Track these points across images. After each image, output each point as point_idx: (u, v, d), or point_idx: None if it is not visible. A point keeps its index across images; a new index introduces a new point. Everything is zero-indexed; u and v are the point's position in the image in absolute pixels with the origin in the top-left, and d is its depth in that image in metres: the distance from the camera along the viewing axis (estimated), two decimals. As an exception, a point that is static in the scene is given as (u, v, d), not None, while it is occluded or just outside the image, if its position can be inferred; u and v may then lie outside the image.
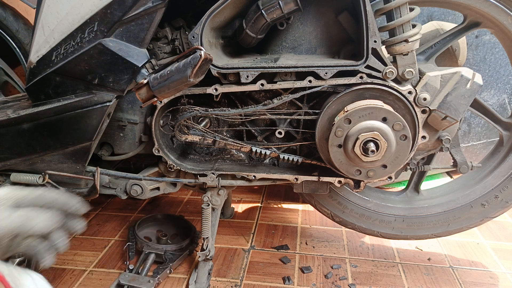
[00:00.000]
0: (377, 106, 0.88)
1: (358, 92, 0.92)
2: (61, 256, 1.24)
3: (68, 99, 0.92)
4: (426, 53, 1.05)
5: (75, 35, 0.88)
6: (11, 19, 1.42)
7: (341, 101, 0.93)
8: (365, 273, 1.16)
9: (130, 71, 0.87)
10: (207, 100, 1.04)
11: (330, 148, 0.93)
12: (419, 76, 0.92)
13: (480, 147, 1.64)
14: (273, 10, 0.90)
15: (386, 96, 0.92)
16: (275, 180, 1.05)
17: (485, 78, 1.52)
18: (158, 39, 1.02)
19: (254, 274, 1.16)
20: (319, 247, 1.29)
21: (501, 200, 1.10)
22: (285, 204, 1.58)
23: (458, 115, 0.92)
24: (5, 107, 1.00)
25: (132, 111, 1.03)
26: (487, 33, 1.47)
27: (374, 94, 0.92)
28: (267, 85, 0.94)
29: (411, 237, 1.17)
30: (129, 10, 0.85)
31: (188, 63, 0.78)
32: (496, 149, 1.14)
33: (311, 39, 1.02)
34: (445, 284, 1.12)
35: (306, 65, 0.91)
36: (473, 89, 0.91)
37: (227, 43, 1.05)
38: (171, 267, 1.13)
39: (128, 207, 1.55)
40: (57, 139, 0.95)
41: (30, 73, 0.93)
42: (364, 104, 0.89)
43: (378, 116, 0.89)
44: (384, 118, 0.89)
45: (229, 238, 1.33)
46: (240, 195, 1.65)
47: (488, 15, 0.96)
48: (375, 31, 0.88)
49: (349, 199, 1.16)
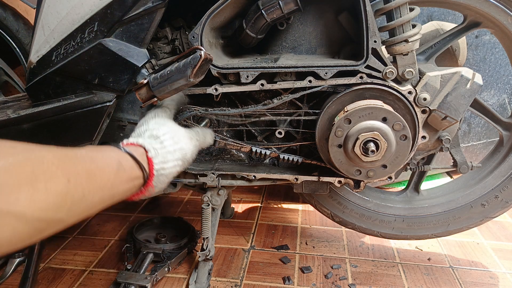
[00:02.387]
0: (377, 106, 0.88)
1: (358, 92, 0.92)
2: (61, 256, 1.24)
3: (68, 99, 0.92)
4: (426, 53, 1.05)
5: (75, 35, 0.88)
6: (11, 19, 1.42)
7: (341, 101, 0.93)
8: (365, 273, 1.16)
9: (130, 71, 0.87)
10: (207, 100, 1.04)
11: (330, 148, 0.93)
12: (419, 76, 0.92)
13: (480, 147, 1.64)
14: (273, 10, 0.90)
15: (386, 96, 0.92)
16: (275, 180, 1.05)
17: (485, 78, 1.52)
18: (158, 39, 1.02)
19: (254, 274, 1.16)
20: (319, 247, 1.29)
21: (501, 200, 1.10)
22: (285, 204, 1.58)
23: (458, 115, 0.92)
24: (5, 107, 1.00)
25: (132, 111, 1.03)
26: (487, 33, 1.47)
27: (374, 94, 0.92)
28: (267, 85, 0.94)
29: (411, 237, 1.17)
30: (129, 10, 0.85)
31: (188, 63, 0.78)
32: (496, 149, 1.14)
33: (311, 39, 1.02)
34: (445, 284, 1.12)
35: (306, 65, 0.91)
36: (473, 89, 0.91)
37: (227, 43, 1.05)
38: (169, 265, 1.13)
39: (128, 207, 1.55)
40: (57, 139, 0.95)
41: (30, 73, 0.93)
42: (364, 104, 0.89)
43: (378, 116, 0.89)
44: (384, 118, 0.89)
45: (229, 238, 1.33)
46: (240, 195, 1.65)
47: (488, 15, 0.96)
48: (375, 31, 0.88)
49: (349, 199, 1.16)
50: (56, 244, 1.30)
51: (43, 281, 1.13)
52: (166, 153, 0.69)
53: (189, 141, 0.77)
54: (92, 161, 0.52)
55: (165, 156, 0.69)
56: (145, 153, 0.67)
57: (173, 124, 0.77)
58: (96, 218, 1.47)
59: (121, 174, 0.57)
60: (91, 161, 0.52)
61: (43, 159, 0.44)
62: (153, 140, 0.70)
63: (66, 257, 1.24)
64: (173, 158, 0.70)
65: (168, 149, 0.70)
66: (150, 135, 0.71)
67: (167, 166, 0.69)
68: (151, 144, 0.68)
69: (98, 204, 0.52)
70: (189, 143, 0.77)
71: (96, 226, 1.42)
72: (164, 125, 0.75)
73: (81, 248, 1.28)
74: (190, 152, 0.77)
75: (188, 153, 0.76)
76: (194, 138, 0.80)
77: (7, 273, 1.13)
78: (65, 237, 1.34)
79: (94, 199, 0.50)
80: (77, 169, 0.48)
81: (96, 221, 1.45)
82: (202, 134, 0.85)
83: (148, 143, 0.68)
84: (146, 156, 0.66)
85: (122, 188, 0.58)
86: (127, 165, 0.60)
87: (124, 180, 0.58)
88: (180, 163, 0.73)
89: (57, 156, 0.47)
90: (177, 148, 0.72)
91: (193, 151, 0.78)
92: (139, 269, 1.11)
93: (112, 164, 0.56)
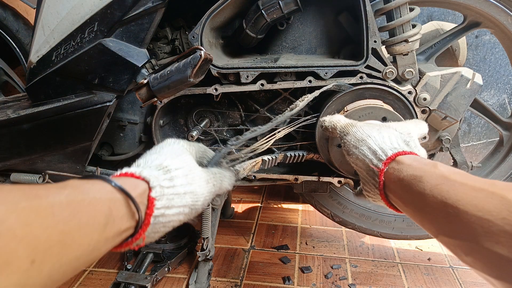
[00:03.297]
0: (377, 105, 0.88)
1: (358, 92, 0.92)
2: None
3: (68, 99, 0.91)
4: (426, 53, 1.05)
5: (75, 35, 0.88)
6: (11, 19, 1.42)
7: (341, 100, 0.93)
8: (365, 273, 1.16)
9: (130, 71, 0.87)
10: (207, 100, 1.04)
11: (330, 148, 0.93)
12: (419, 76, 0.92)
13: (480, 147, 1.63)
14: (273, 10, 0.90)
15: (386, 96, 0.92)
16: (275, 180, 1.05)
17: (485, 78, 1.51)
18: (158, 39, 1.02)
19: (254, 274, 1.15)
20: (319, 247, 1.29)
21: (501, 200, 1.10)
22: (285, 204, 1.58)
23: (458, 115, 0.92)
24: (5, 107, 1.00)
25: (132, 111, 1.03)
26: (487, 33, 1.47)
27: (374, 94, 0.92)
28: (267, 85, 0.94)
29: (411, 237, 1.17)
30: (129, 10, 0.85)
31: (188, 63, 0.78)
32: (496, 149, 1.14)
33: (311, 39, 1.02)
34: (445, 284, 1.12)
35: (306, 65, 0.91)
36: (473, 89, 0.91)
37: (227, 43, 1.05)
38: (169, 265, 1.13)
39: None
40: (57, 139, 0.95)
41: (30, 73, 0.93)
42: (364, 104, 0.89)
43: (378, 115, 0.89)
44: (384, 117, 0.89)
45: (229, 238, 1.33)
46: (240, 195, 1.65)
47: (488, 15, 0.96)
48: (375, 31, 0.88)
49: (349, 199, 1.16)
50: (56, 244, 1.30)
51: (43, 281, 1.13)
52: (173, 194, 0.52)
53: (205, 184, 0.59)
54: (73, 216, 0.38)
55: (171, 199, 0.51)
56: (148, 191, 0.49)
57: (191, 159, 0.59)
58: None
59: (108, 230, 0.42)
60: (70, 216, 0.37)
61: (3, 227, 0.31)
62: (162, 174, 0.52)
63: (66, 257, 1.24)
64: (180, 204, 0.53)
65: (177, 189, 0.53)
66: (159, 165, 0.54)
67: (170, 213, 0.51)
68: (158, 180, 0.50)
69: (67, 276, 0.38)
70: (204, 186, 0.58)
71: (96, 226, 1.42)
72: (179, 156, 0.57)
73: (81, 248, 1.28)
74: (203, 198, 0.58)
75: (200, 200, 0.57)
76: (211, 181, 0.61)
77: (7, 273, 1.13)
78: (65, 237, 1.34)
79: (63, 273, 0.37)
80: (48, 237, 0.34)
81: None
82: (220, 178, 0.65)
83: (154, 178, 0.50)
84: (147, 196, 0.49)
85: (105, 247, 0.43)
86: (118, 214, 0.44)
87: (110, 237, 0.43)
88: (187, 211, 0.54)
89: (23, 216, 0.33)
90: (188, 190, 0.54)
91: (206, 198, 0.59)
92: (139, 269, 1.11)
93: (99, 218, 0.41)
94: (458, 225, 0.45)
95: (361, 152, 0.64)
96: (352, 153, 0.66)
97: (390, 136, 0.64)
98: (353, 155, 0.66)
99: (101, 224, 0.41)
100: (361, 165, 0.63)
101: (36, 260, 0.33)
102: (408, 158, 0.58)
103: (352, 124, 0.72)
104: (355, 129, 0.69)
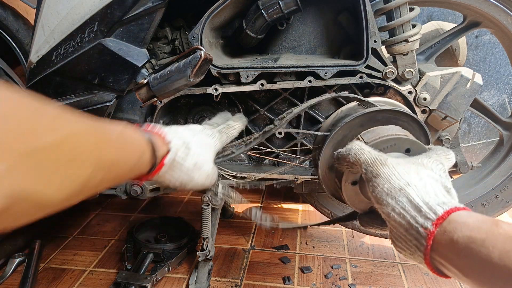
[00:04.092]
0: (401, 137, 0.84)
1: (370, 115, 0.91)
2: (61, 256, 1.24)
3: (68, 99, 0.92)
4: (426, 53, 1.05)
5: (75, 35, 0.88)
6: (11, 19, 1.42)
7: (349, 125, 0.92)
8: (365, 273, 1.16)
9: (130, 71, 0.87)
10: (207, 100, 1.04)
11: (343, 185, 0.90)
12: (419, 76, 0.92)
13: (480, 147, 1.64)
14: (273, 10, 0.90)
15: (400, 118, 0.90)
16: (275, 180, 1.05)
17: (485, 78, 1.52)
18: (158, 39, 1.02)
19: (254, 274, 1.15)
20: (319, 247, 1.29)
21: (501, 200, 1.10)
22: (285, 204, 1.58)
23: (458, 115, 0.92)
24: (5, 107, 1.00)
25: (132, 111, 1.03)
26: (487, 33, 1.47)
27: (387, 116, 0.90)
28: (267, 85, 0.94)
29: (411, 237, 1.17)
30: (129, 10, 0.85)
31: (188, 63, 0.78)
32: (496, 149, 1.14)
33: (311, 39, 1.02)
34: (445, 284, 1.12)
35: (306, 65, 0.91)
36: (473, 89, 0.91)
37: (227, 43, 1.05)
38: (169, 265, 1.13)
39: (128, 207, 1.55)
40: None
41: (30, 73, 0.93)
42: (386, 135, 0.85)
43: (402, 147, 0.84)
44: (408, 149, 0.85)
45: (229, 238, 1.33)
46: (240, 195, 1.65)
47: (488, 15, 0.96)
48: (375, 31, 0.88)
49: (349, 199, 1.15)
50: (56, 244, 1.30)
51: (43, 281, 1.13)
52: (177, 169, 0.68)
53: (204, 178, 0.74)
54: (122, 149, 0.50)
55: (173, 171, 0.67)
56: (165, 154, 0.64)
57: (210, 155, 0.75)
58: (96, 218, 1.47)
59: (135, 168, 0.55)
60: (121, 148, 0.49)
61: (81, 140, 0.40)
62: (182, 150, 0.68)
63: (66, 257, 1.24)
64: (177, 177, 0.68)
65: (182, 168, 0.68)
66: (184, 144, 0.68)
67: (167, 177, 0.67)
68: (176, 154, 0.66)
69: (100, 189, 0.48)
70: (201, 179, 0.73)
71: (96, 226, 1.42)
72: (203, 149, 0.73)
73: (81, 248, 1.28)
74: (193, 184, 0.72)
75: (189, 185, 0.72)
76: (209, 178, 0.75)
77: (7, 273, 1.13)
78: (65, 237, 1.34)
79: (103, 186, 0.47)
80: (105, 157, 0.45)
81: (96, 221, 1.45)
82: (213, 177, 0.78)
83: (174, 150, 0.66)
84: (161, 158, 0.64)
85: (126, 179, 0.59)
86: (143, 161, 0.58)
87: (132, 174, 0.57)
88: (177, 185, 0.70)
89: (94, 137, 0.43)
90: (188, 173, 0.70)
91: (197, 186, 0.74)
92: (139, 269, 1.11)
93: (134, 158, 0.54)
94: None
95: (400, 204, 0.52)
96: (386, 203, 0.54)
97: (432, 184, 0.54)
98: (387, 206, 0.54)
99: (133, 162, 0.53)
100: (398, 219, 0.52)
101: (95, 169, 0.42)
102: (460, 215, 0.48)
103: (382, 162, 0.59)
104: (387, 170, 0.57)
